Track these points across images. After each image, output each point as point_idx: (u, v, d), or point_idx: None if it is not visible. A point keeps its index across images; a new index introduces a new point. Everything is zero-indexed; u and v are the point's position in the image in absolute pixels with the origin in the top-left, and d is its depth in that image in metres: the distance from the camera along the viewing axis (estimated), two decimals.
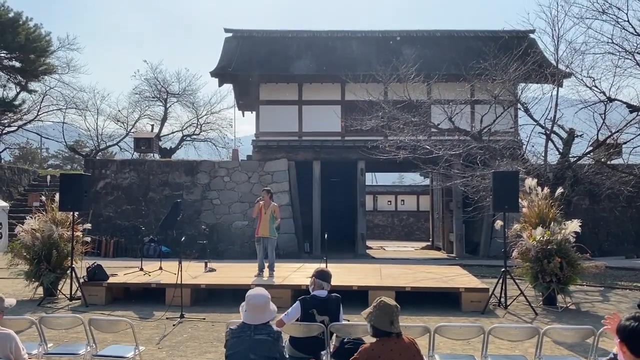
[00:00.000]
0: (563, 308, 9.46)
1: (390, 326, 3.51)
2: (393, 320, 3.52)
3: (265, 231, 10.74)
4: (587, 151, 14.94)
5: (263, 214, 10.73)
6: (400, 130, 15.55)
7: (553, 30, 14.59)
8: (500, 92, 14.97)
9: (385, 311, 3.54)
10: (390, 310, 3.54)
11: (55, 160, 43.38)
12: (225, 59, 21.13)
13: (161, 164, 21.09)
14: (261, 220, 10.75)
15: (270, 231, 10.74)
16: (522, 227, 10.08)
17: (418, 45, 21.36)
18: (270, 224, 10.71)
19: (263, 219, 10.72)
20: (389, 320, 3.51)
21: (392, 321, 3.51)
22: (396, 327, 3.54)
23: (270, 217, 10.72)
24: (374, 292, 9.17)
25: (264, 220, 10.71)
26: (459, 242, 19.92)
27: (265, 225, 10.70)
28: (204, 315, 8.54)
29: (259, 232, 10.83)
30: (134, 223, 19.64)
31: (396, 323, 3.53)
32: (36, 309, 9.06)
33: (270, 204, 10.82)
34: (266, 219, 10.71)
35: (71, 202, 9.90)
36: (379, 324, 3.53)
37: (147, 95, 31.76)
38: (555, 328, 5.39)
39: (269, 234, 10.74)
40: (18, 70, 29.77)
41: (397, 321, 3.54)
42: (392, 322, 3.51)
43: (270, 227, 10.72)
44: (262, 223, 10.73)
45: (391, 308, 3.55)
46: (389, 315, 3.52)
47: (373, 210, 35.53)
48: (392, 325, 3.51)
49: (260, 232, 10.81)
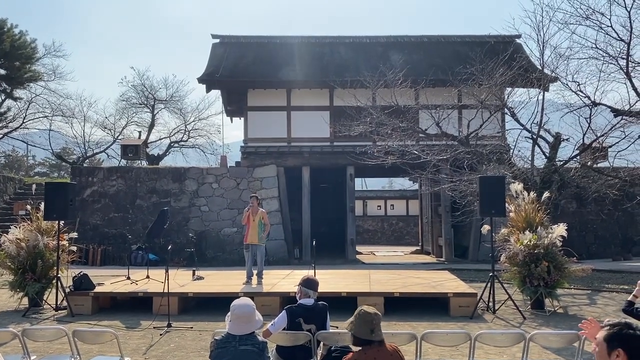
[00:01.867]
0: (551, 312, 9.50)
1: (370, 334, 3.49)
2: (373, 328, 3.49)
3: (253, 238, 10.68)
4: (574, 155, 15.06)
5: (251, 220, 10.68)
6: (388, 136, 15.58)
7: (538, 36, 14.74)
8: (487, 97, 15.07)
9: (365, 319, 3.53)
10: (369, 319, 3.52)
11: (42, 168, 42.98)
12: (213, 65, 21.09)
13: (149, 171, 20.96)
14: (249, 227, 10.70)
15: (259, 238, 10.69)
16: (510, 231, 10.12)
17: (405, 51, 21.47)
18: (258, 230, 10.67)
19: (251, 225, 10.67)
20: (369, 328, 3.49)
21: (373, 329, 3.49)
22: (377, 335, 3.51)
23: (258, 224, 10.68)
24: (363, 298, 9.16)
25: (253, 227, 10.66)
26: (448, 247, 19.98)
27: (253, 232, 10.66)
28: (192, 324, 8.47)
29: (247, 239, 10.78)
30: (121, 231, 19.47)
31: (377, 331, 3.50)
32: (21, 319, 8.93)
33: (258, 210, 10.77)
34: (254, 225, 10.66)
35: (56, 211, 9.79)
36: (359, 333, 3.51)
37: (134, 101, 31.62)
38: (541, 333, 5.40)
39: (258, 240, 10.69)
40: (3, 78, 29.50)
41: (378, 329, 3.52)
42: (373, 330, 3.49)
43: (259, 233, 10.67)
44: (251, 230, 10.68)
45: (371, 316, 3.53)
46: (369, 324, 3.50)
47: (363, 215, 35.57)
48: (373, 333, 3.49)
49: (248, 239, 10.76)
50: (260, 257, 10.76)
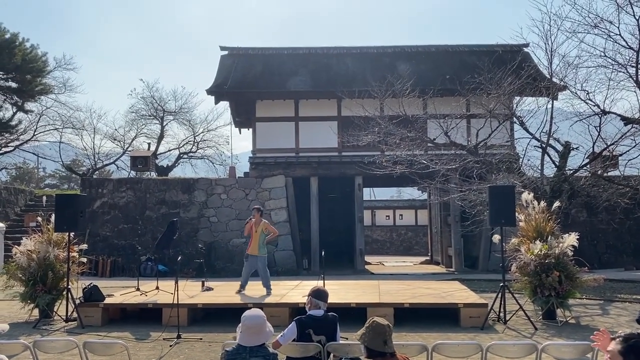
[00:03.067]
0: (563, 322, 9.40)
1: (383, 346, 3.48)
2: (386, 339, 3.49)
3: (254, 250, 10.74)
4: (584, 164, 14.98)
5: (254, 232, 10.73)
6: (396, 146, 15.58)
7: (546, 44, 14.71)
8: (496, 106, 15.04)
9: (378, 331, 3.51)
10: (382, 330, 3.51)
11: (52, 180, 43.31)
12: (222, 77, 21.24)
13: (158, 182, 21.06)
14: (252, 239, 10.76)
15: (260, 249, 10.74)
16: (520, 241, 10.05)
17: (413, 61, 21.52)
18: (260, 242, 10.72)
19: (254, 237, 10.73)
20: (382, 340, 3.48)
21: (386, 341, 3.48)
22: (390, 347, 3.50)
23: (260, 235, 10.73)
24: (372, 309, 9.10)
25: (255, 238, 10.73)
26: (458, 257, 19.87)
27: (255, 244, 10.73)
28: (201, 336, 8.45)
29: (249, 250, 10.86)
30: (131, 242, 19.56)
31: (389, 342, 3.49)
32: (32, 331, 8.96)
33: (260, 221, 10.83)
34: (257, 237, 10.72)
35: (67, 223, 9.85)
36: (372, 345, 3.50)
37: (143, 113, 31.84)
38: (553, 344, 5.35)
39: (259, 252, 10.75)
40: (14, 91, 29.87)
41: (390, 340, 3.51)
42: (386, 342, 3.48)
43: (261, 245, 10.73)
44: (253, 241, 10.76)
45: (383, 328, 3.52)
46: (382, 335, 3.49)
47: (371, 225, 35.51)
48: (386, 345, 3.48)
49: (250, 250, 10.83)
50: (262, 269, 10.77)
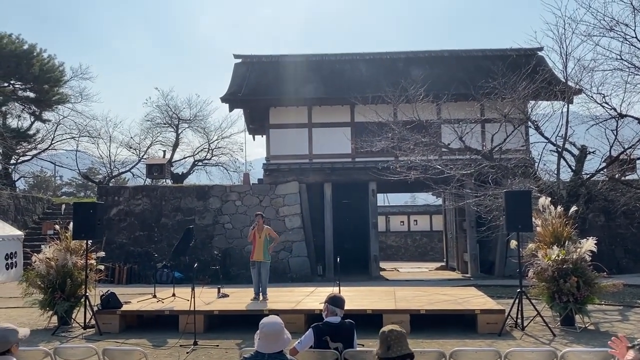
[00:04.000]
0: (582, 328, 9.28)
1: (387, 351, 3.58)
2: (390, 345, 3.58)
3: (259, 255, 10.89)
4: (601, 168, 14.80)
5: (257, 238, 10.84)
6: (410, 151, 15.53)
7: (561, 48, 14.58)
8: (510, 111, 14.94)
9: (381, 338, 3.66)
10: (384, 337, 3.63)
11: (69, 188, 43.82)
12: (235, 84, 21.38)
13: (173, 190, 21.22)
14: (255, 245, 10.88)
15: (264, 255, 10.88)
16: (537, 246, 9.96)
17: (426, 66, 21.48)
18: (264, 247, 10.84)
19: (257, 243, 10.85)
20: (385, 346, 3.60)
21: (389, 346, 3.58)
22: (394, 351, 3.58)
23: (264, 241, 10.84)
24: (388, 315, 9.08)
25: (259, 244, 10.87)
26: (474, 262, 19.72)
27: (259, 249, 10.87)
28: (218, 342, 8.48)
29: (254, 256, 10.99)
30: (147, 249, 19.71)
31: (395, 347, 3.60)
32: (51, 338, 9.06)
33: (263, 227, 10.97)
34: (260, 243, 10.86)
35: (84, 231, 9.97)
36: (379, 353, 3.64)
37: (158, 121, 32.17)
38: (573, 351, 5.29)
39: (263, 257, 10.91)
40: (32, 101, 30.38)
41: (396, 345, 3.60)
42: (389, 347, 3.58)
43: (265, 251, 10.84)
44: (257, 247, 10.90)
45: (384, 334, 3.64)
46: (384, 342, 3.61)
47: (386, 231, 35.38)
48: (389, 350, 3.58)
49: (254, 256, 10.97)
50: (265, 274, 10.93)
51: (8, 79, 29.13)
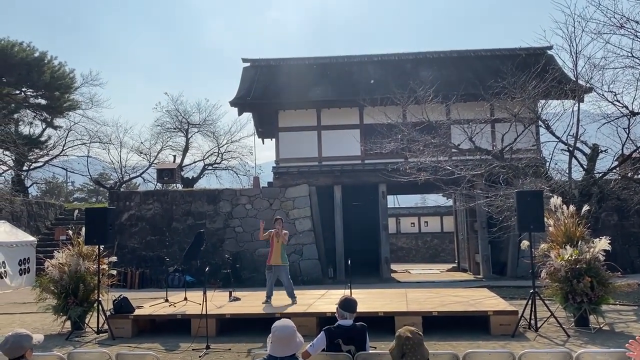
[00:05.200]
0: (596, 329, 9.18)
1: (400, 358, 3.42)
2: (405, 353, 3.41)
3: (277, 259, 10.81)
4: (613, 166, 14.66)
5: (275, 242, 10.80)
6: (420, 152, 15.48)
7: (571, 47, 14.44)
8: (520, 110, 14.85)
9: (398, 342, 3.49)
10: (400, 342, 3.48)
11: (80, 194, 44.17)
12: (244, 88, 21.45)
13: (184, 194, 21.32)
14: (273, 249, 10.83)
15: (282, 259, 10.82)
16: (549, 246, 9.88)
17: (435, 67, 21.43)
18: (282, 252, 10.79)
19: (275, 247, 10.80)
20: (400, 352, 3.43)
21: (404, 354, 3.41)
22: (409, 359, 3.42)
23: (282, 246, 10.80)
24: (400, 317, 9.04)
25: (276, 249, 10.81)
26: (486, 263, 19.61)
27: (277, 254, 10.80)
28: (230, 346, 8.49)
29: (271, 260, 10.93)
30: (159, 253, 19.80)
31: (410, 355, 3.38)
32: (64, 343, 9.12)
33: (281, 232, 10.89)
34: (278, 247, 10.78)
35: (96, 236, 10.03)
36: (394, 357, 3.46)
37: (168, 126, 32.31)
38: (588, 352, 5.23)
39: (281, 262, 10.82)
40: (44, 108, 30.68)
41: (410, 354, 3.39)
42: (404, 355, 3.40)
43: (282, 255, 10.80)
44: (274, 252, 10.83)
45: (402, 340, 3.47)
46: (400, 348, 3.46)
47: (396, 233, 35.27)
48: (404, 358, 3.41)
49: (271, 260, 10.90)
50: (286, 278, 10.84)
51: (20, 86, 29.44)
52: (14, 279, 18.90)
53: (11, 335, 3.95)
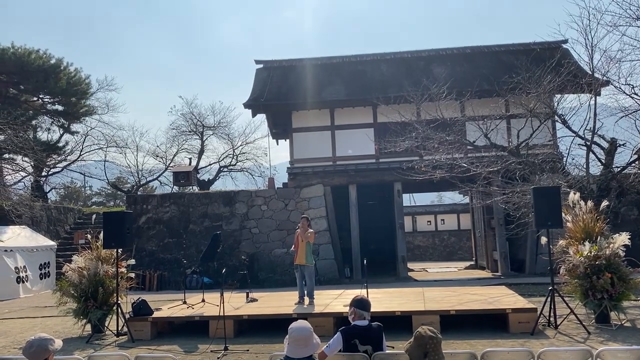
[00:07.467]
0: (617, 326, 9.05)
1: (423, 358, 3.37)
2: (427, 352, 3.36)
3: (301, 259, 10.81)
4: (632, 160, 14.43)
5: (300, 241, 10.80)
6: (435, 150, 15.39)
7: (586, 40, 14.24)
8: (536, 105, 14.68)
9: (419, 343, 3.42)
10: (423, 342, 3.41)
11: (98, 198, 44.70)
12: (257, 90, 21.53)
13: (200, 196, 21.46)
14: (298, 249, 10.82)
15: (307, 259, 10.78)
16: (568, 242, 9.76)
17: (448, 63, 21.29)
18: (307, 251, 10.77)
19: (300, 246, 10.80)
20: (422, 352, 3.38)
21: (426, 353, 3.36)
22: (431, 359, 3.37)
23: (307, 244, 10.78)
24: (417, 317, 9.00)
25: (301, 248, 10.79)
26: (504, 260, 19.44)
27: (302, 253, 10.78)
28: (248, 347, 8.53)
29: (296, 259, 10.93)
30: (176, 256, 19.95)
31: (432, 355, 3.34)
32: (85, 346, 9.24)
33: (307, 231, 10.87)
34: (303, 246, 10.77)
35: (115, 240, 10.14)
36: (413, 356, 3.40)
37: (183, 129, 32.61)
38: (609, 349, 5.16)
39: (305, 261, 10.79)
40: (61, 114, 31.08)
41: (434, 352, 3.36)
42: (426, 354, 3.35)
43: (307, 254, 10.77)
44: (299, 251, 10.82)
45: (424, 340, 3.41)
46: (422, 347, 3.40)
47: (412, 231, 35.13)
48: (426, 358, 3.35)
49: (297, 259, 10.90)
50: (308, 277, 10.84)
51: (37, 93, 29.87)
52: (35, 284, 19.19)
53: (35, 339, 4.03)
